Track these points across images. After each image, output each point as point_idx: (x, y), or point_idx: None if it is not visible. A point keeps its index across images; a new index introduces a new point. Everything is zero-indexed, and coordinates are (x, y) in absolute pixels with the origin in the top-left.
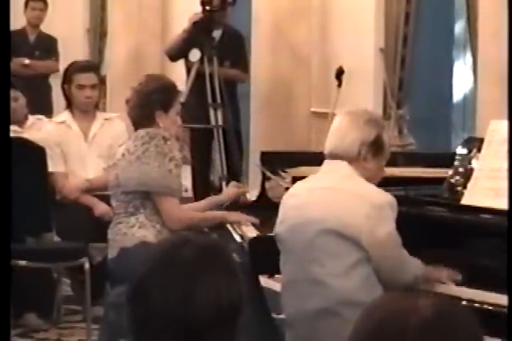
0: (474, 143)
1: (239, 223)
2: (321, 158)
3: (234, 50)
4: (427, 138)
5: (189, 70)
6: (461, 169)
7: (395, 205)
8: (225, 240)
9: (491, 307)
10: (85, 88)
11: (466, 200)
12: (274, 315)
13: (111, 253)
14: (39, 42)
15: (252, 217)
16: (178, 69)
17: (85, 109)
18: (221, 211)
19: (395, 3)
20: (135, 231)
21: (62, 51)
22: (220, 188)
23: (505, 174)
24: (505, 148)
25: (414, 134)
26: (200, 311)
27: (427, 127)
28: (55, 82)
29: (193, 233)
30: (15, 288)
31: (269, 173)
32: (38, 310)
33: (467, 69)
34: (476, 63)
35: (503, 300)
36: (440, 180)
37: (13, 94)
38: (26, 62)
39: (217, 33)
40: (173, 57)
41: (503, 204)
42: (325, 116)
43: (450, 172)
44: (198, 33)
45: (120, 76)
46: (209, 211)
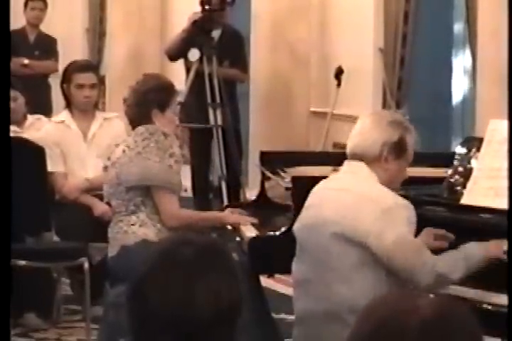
0: (474, 143)
1: (236, 224)
2: (320, 158)
3: (233, 49)
4: (427, 138)
5: (188, 70)
6: (460, 169)
7: (410, 208)
8: (224, 239)
9: (490, 307)
10: (84, 88)
11: (465, 200)
12: (274, 315)
13: (111, 251)
14: (38, 42)
15: (251, 217)
16: (178, 69)
17: (84, 109)
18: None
19: (394, 3)
20: (136, 229)
21: (62, 51)
22: (219, 188)
23: (504, 173)
24: (505, 147)
25: None
26: (199, 311)
27: (427, 127)
28: (55, 82)
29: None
30: (14, 288)
31: (268, 173)
32: (37, 309)
33: (466, 68)
34: (475, 63)
35: (502, 299)
36: (439, 180)
37: (12, 94)
38: (26, 62)
39: (216, 33)
40: (173, 56)
41: (502, 204)
42: (324, 116)
43: (449, 171)
44: (198, 32)
45: (119, 76)
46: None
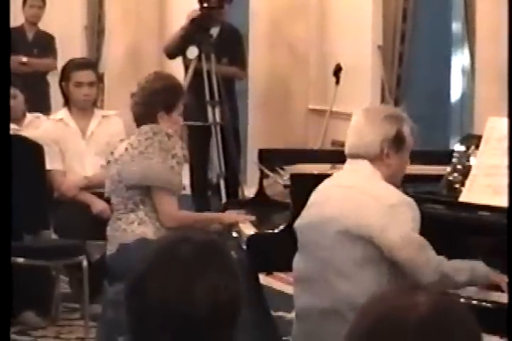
0: (472, 140)
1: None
2: (319, 155)
3: (232, 47)
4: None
5: (187, 68)
6: (459, 166)
7: (414, 206)
8: (222, 237)
9: (489, 305)
10: (83, 85)
11: (464, 197)
12: (273, 313)
13: (110, 249)
14: (37, 40)
15: (248, 215)
16: (176, 66)
17: (83, 107)
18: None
19: (393, 0)
20: (134, 227)
21: (60, 48)
22: (218, 186)
23: (502, 171)
24: (503, 145)
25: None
26: (198, 309)
27: (425, 124)
28: (53, 80)
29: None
30: (13, 286)
31: (267, 171)
32: (35, 307)
33: (465, 66)
34: (473, 61)
35: (500, 297)
36: (438, 178)
37: (12, 92)
38: (24, 59)
39: (214, 30)
40: (171, 54)
41: (500, 202)
42: (323, 114)
43: (448, 169)
44: (196, 30)
45: (118, 73)
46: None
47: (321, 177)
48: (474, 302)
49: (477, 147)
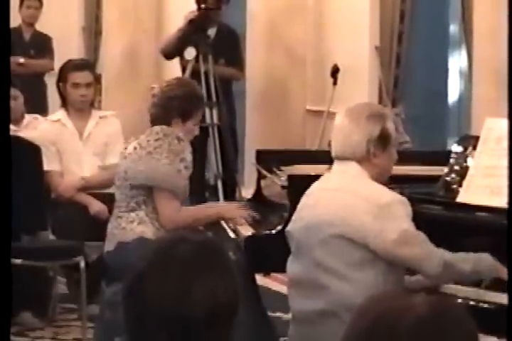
0: (470, 141)
1: (234, 219)
2: (316, 156)
3: (229, 48)
4: (423, 136)
5: (184, 69)
6: (456, 167)
7: (406, 203)
8: (219, 238)
9: (486, 306)
10: (80, 86)
11: (461, 198)
12: (270, 313)
13: (108, 246)
14: (34, 41)
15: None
16: (173, 67)
17: (80, 108)
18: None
19: (390, 1)
20: (134, 226)
21: (57, 49)
22: (215, 186)
23: (500, 172)
24: (501, 145)
25: (410, 132)
26: (196, 309)
27: (423, 125)
28: (50, 81)
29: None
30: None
31: (264, 171)
32: (33, 308)
33: (462, 67)
34: (471, 62)
35: (498, 298)
36: (435, 178)
37: (12, 93)
38: (21, 60)
39: (212, 31)
40: (168, 55)
41: (498, 202)
42: (320, 114)
43: (445, 170)
44: (193, 31)
45: (115, 74)
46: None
47: (319, 178)
48: (471, 302)
49: (474, 148)
